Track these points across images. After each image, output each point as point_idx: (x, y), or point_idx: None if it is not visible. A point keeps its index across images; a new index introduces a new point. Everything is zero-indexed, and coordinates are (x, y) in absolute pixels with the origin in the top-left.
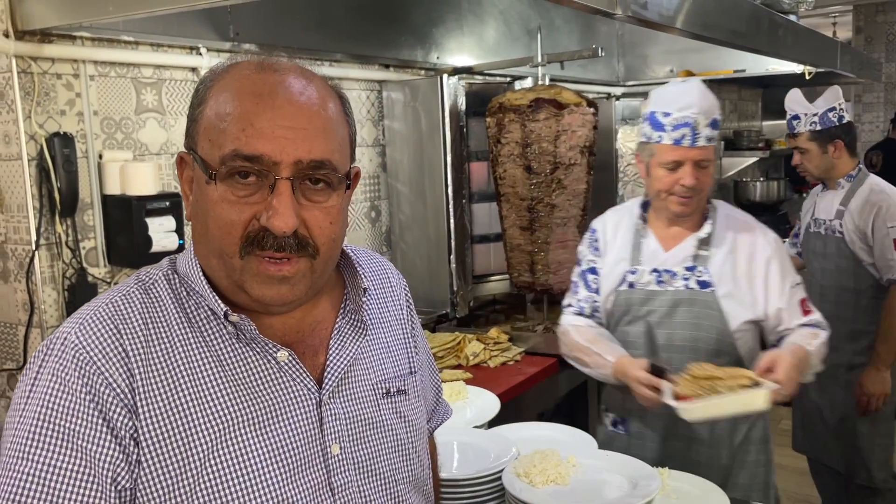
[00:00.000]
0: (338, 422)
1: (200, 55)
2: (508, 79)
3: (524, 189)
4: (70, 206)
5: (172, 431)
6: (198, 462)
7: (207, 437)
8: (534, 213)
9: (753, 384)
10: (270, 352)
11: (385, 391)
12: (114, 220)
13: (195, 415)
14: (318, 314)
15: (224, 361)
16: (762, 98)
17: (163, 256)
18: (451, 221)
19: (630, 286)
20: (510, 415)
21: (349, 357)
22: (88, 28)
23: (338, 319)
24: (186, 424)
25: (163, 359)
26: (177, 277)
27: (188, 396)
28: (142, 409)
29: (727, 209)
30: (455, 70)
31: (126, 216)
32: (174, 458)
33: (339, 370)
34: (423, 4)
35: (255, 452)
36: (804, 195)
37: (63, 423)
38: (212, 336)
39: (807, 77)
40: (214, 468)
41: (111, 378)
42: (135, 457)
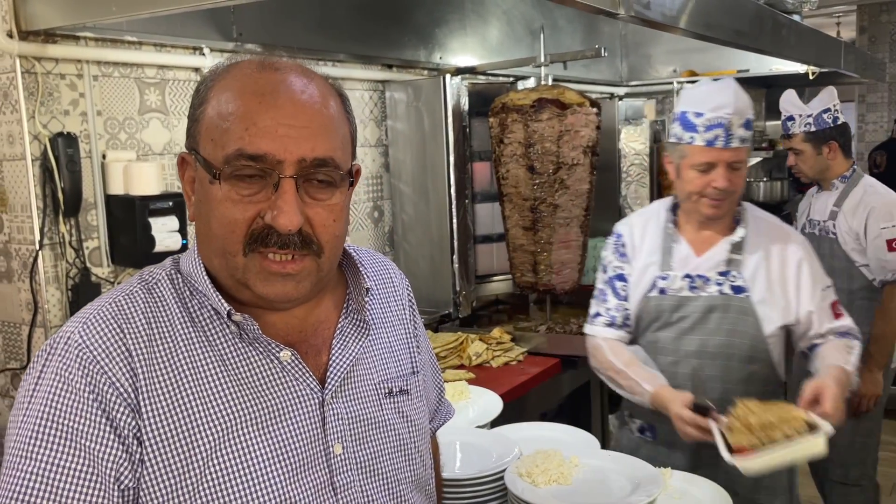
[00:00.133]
0: (340, 422)
1: (203, 55)
2: (511, 79)
3: (527, 189)
4: (74, 206)
5: (175, 431)
6: (201, 461)
7: (210, 437)
8: (536, 214)
9: (807, 426)
10: (273, 351)
11: (387, 391)
12: (117, 220)
13: (198, 414)
14: (321, 314)
15: (227, 361)
16: (765, 98)
17: (166, 256)
18: (454, 221)
19: (661, 292)
20: (513, 415)
21: (352, 357)
22: (92, 28)
23: (340, 319)
24: (189, 424)
25: (166, 358)
26: (180, 277)
27: (191, 396)
28: (145, 409)
29: (755, 211)
30: (458, 70)
31: (129, 216)
32: (177, 458)
33: (342, 370)
34: (426, 4)
35: (258, 452)
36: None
37: (66, 423)
38: (215, 335)
39: (810, 77)
40: (217, 467)
41: (114, 377)
42: (138, 456)
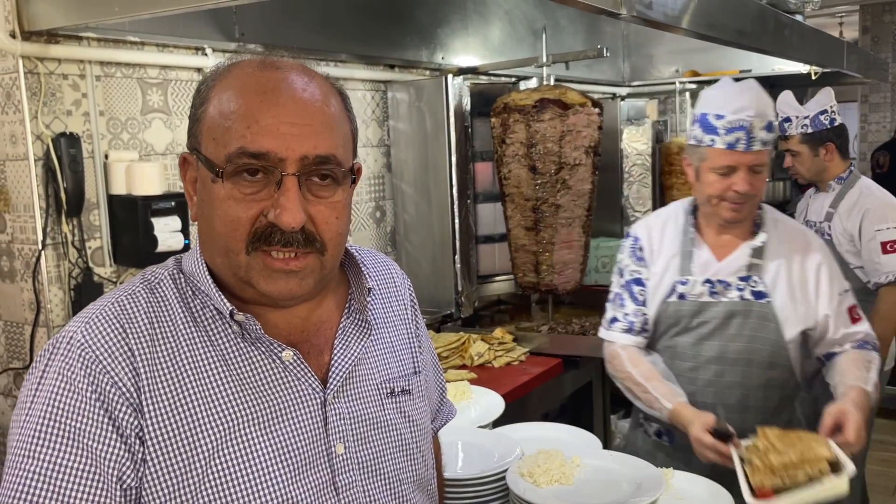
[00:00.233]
0: (342, 421)
1: (206, 55)
2: (513, 79)
3: (529, 189)
4: (76, 206)
5: (177, 430)
6: (203, 461)
7: (212, 436)
8: (538, 214)
9: (831, 463)
10: (275, 351)
11: (389, 391)
12: (119, 220)
13: (200, 414)
14: (323, 314)
15: (229, 361)
16: None
17: (168, 256)
18: (456, 221)
19: (680, 297)
20: (515, 415)
21: (354, 357)
22: (94, 29)
23: (342, 319)
24: (191, 423)
25: (168, 358)
26: (182, 277)
27: (193, 395)
28: (147, 408)
29: (774, 213)
30: (460, 70)
31: (132, 216)
32: (179, 457)
33: (344, 370)
34: (428, 5)
35: (260, 451)
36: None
37: (69, 422)
38: (217, 335)
39: (813, 77)
40: (219, 467)
41: (117, 377)
42: (140, 455)
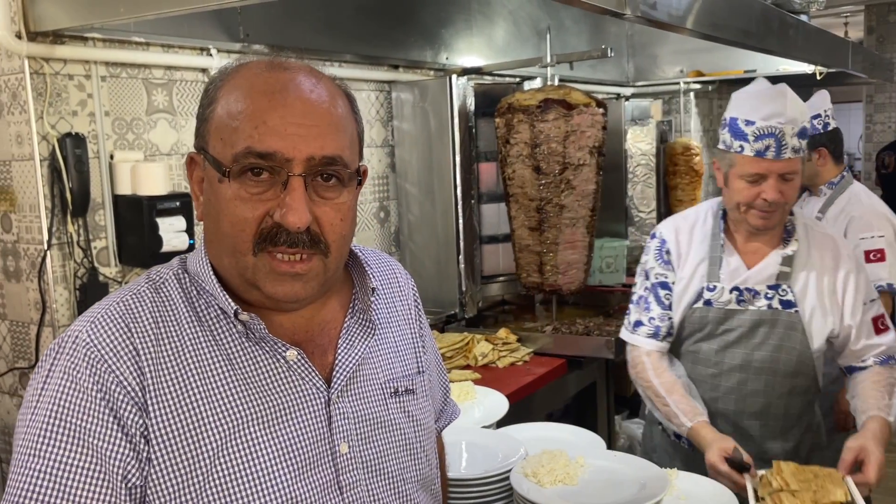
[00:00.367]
0: (346, 421)
1: (211, 56)
2: (517, 79)
3: (533, 190)
4: (81, 206)
5: (182, 429)
6: (207, 460)
7: (217, 435)
8: (542, 214)
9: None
10: (279, 351)
11: (393, 390)
12: (125, 220)
13: (205, 413)
14: (327, 314)
15: (234, 360)
16: None
17: (173, 256)
18: (460, 222)
19: (707, 303)
20: (518, 415)
21: (358, 356)
22: (100, 29)
23: (346, 319)
24: (196, 422)
25: (173, 357)
26: (187, 277)
27: (198, 395)
28: (152, 407)
29: (804, 219)
30: (464, 70)
31: (137, 216)
32: (184, 456)
33: (348, 369)
34: (432, 5)
35: (265, 451)
36: None
37: (74, 421)
38: (221, 335)
39: (818, 77)
40: (224, 466)
41: (122, 376)
42: (145, 454)
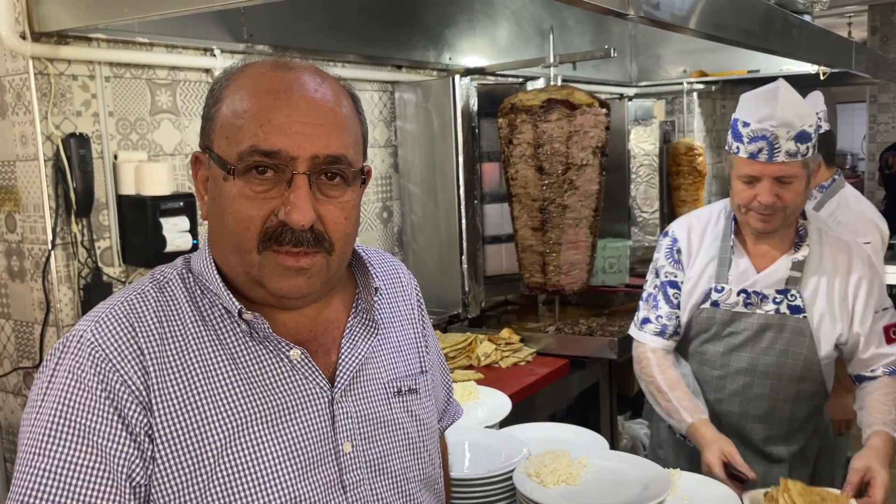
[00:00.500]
0: (350, 420)
1: (214, 56)
2: (520, 79)
3: (536, 190)
4: (85, 207)
5: (187, 428)
6: (211, 458)
7: (221, 434)
8: (545, 214)
9: None
10: (283, 350)
11: (396, 390)
12: (128, 220)
13: (209, 412)
14: (331, 313)
15: (237, 359)
16: None
17: (177, 256)
18: (463, 222)
19: (714, 304)
20: (521, 415)
21: (361, 356)
22: (104, 30)
23: (350, 319)
24: (200, 421)
25: (177, 356)
26: (191, 276)
27: (202, 394)
28: (156, 406)
29: (819, 223)
30: (467, 71)
31: (141, 216)
32: (188, 455)
33: (351, 369)
34: (436, 5)
35: (268, 449)
36: None
37: (79, 420)
38: (225, 334)
39: (821, 77)
40: (228, 465)
41: (126, 375)
42: (149, 453)
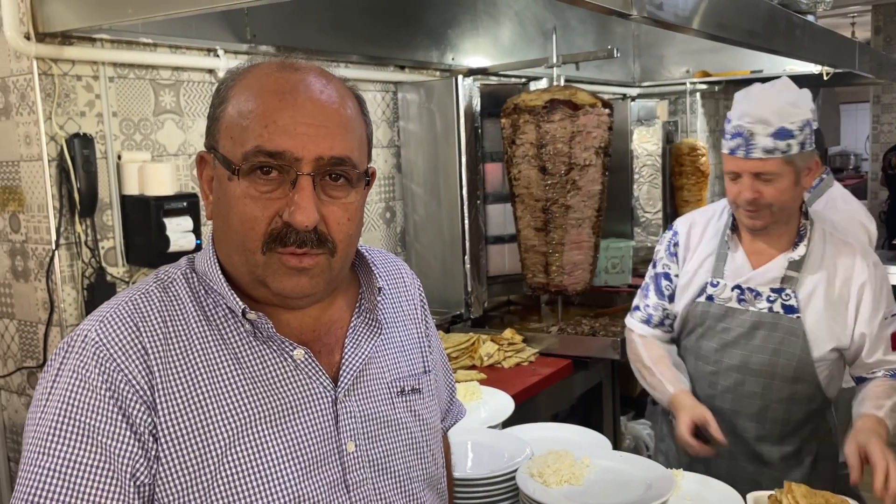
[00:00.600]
0: (353, 420)
1: (218, 57)
2: (523, 80)
3: (539, 190)
4: (89, 207)
5: (190, 428)
6: (215, 458)
7: (225, 434)
8: (548, 215)
9: None
10: (287, 350)
11: (399, 390)
12: (132, 220)
13: (213, 411)
14: (334, 313)
15: (241, 359)
16: None
17: (180, 256)
18: (466, 222)
19: (709, 299)
20: (524, 415)
21: (364, 356)
22: (108, 30)
23: (353, 319)
24: (204, 421)
25: (181, 356)
26: (195, 276)
27: (206, 393)
28: (160, 406)
29: (824, 224)
30: (470, 71)
31: (144, 216)
32: (192, 454)
33: (355, 369)
34: (439, 6)
35: (272, 449)
36: None
37: (83, 419)
38: (229, 334)
39: (825, 78)
40: (232, 464)
41: (131, 375)
42: (153, 453)
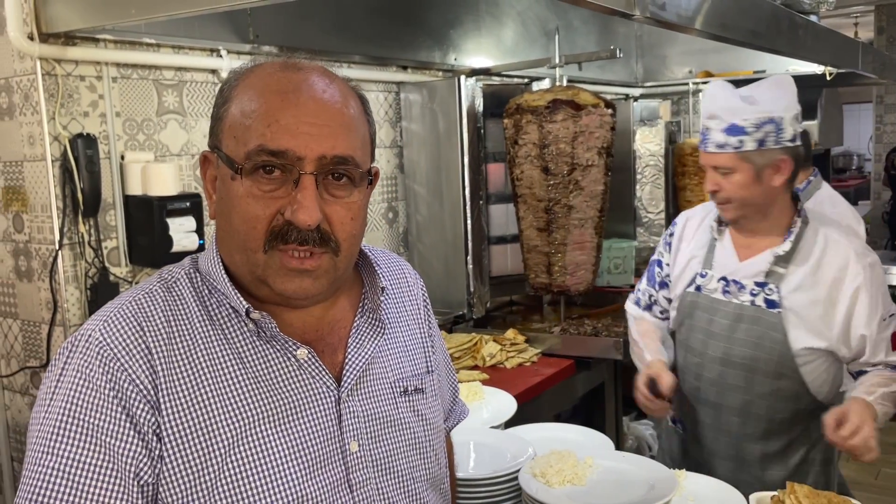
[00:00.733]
0: (356, 419)
1: (221, 57)
2: (526, 80)
3: (541, 190)
4: (93, 207)
5: (194, 427)
6: (219, 457)
7: (228, 433)
8: (551, 215)
9: None
10: (290, 349)
11: (402, 389)
12: (135, 221)
13: (216, 411)
14: (337, 313)
15: (245, 358)
16: None
17: (183, 256)
18: (469, 222)
19: (697, 289)
20: (527, 416)
21: (367, 355)
22: (111, 31)
23: (356, 318)
24: (208, 420)
25: (185, 356)
26: (199, 276)
27: (210, 393)
28: (164, 405)
29: (821, 222)
30: (473, 71)
31: (147, 216)
32: (196, 454)
33: (358, 368)
34: (441, 6)
35: (276, 448)
36: None
37: (87, 419)
38: (233, 333)
39: (828, 78)
40: (235, 463)
41: (134, 374)
42: (157, 452)
